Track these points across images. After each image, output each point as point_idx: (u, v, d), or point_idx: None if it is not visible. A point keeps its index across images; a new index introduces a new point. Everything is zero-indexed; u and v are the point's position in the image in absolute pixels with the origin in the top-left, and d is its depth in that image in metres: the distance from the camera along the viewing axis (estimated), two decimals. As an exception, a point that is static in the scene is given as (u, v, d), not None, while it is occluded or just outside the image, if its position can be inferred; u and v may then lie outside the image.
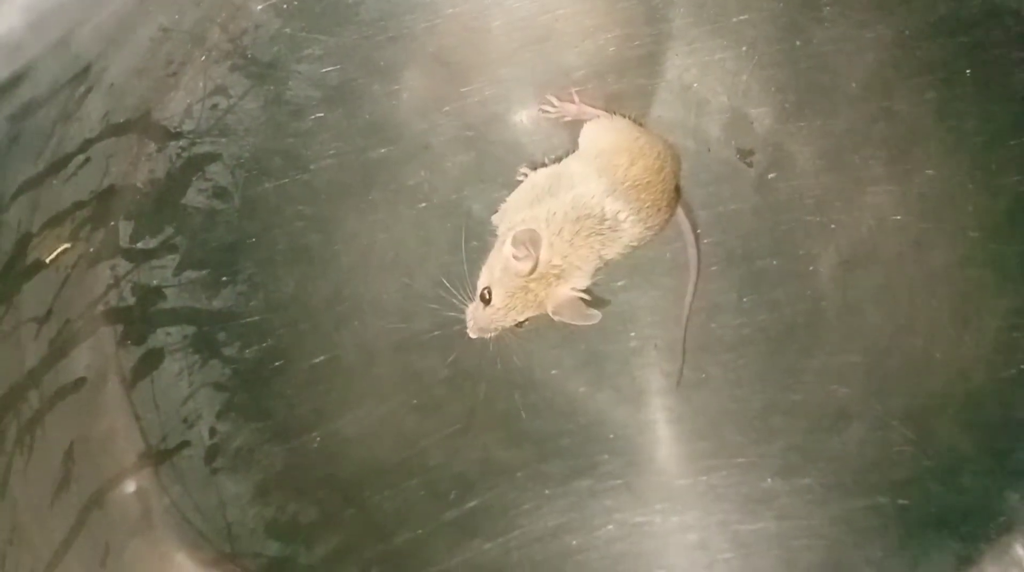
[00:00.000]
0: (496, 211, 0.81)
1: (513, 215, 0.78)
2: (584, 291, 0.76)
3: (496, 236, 0.80)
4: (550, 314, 0.75)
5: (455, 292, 0.78)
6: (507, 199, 0.80)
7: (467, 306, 0.77)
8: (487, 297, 0.74)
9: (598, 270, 0.77)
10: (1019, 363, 0.87)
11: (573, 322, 0.74)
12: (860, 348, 0.87)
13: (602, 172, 0.75)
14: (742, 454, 0.89)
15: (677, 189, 0.80)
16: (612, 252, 0.76)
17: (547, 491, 0.90)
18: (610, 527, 0.90)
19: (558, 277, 0.74)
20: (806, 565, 0.89)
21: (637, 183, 0.75)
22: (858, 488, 0.89)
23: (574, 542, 0.91)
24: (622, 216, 0.75)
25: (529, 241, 0.71)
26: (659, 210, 0.77)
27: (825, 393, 0.88)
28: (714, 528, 0.90)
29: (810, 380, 0.87)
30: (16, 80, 0.53)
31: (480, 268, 0.77)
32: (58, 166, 0.70)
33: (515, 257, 0.72)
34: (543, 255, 0.73)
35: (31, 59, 0.52)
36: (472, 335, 0.76)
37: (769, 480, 0.89)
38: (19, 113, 0.57)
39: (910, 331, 0.87)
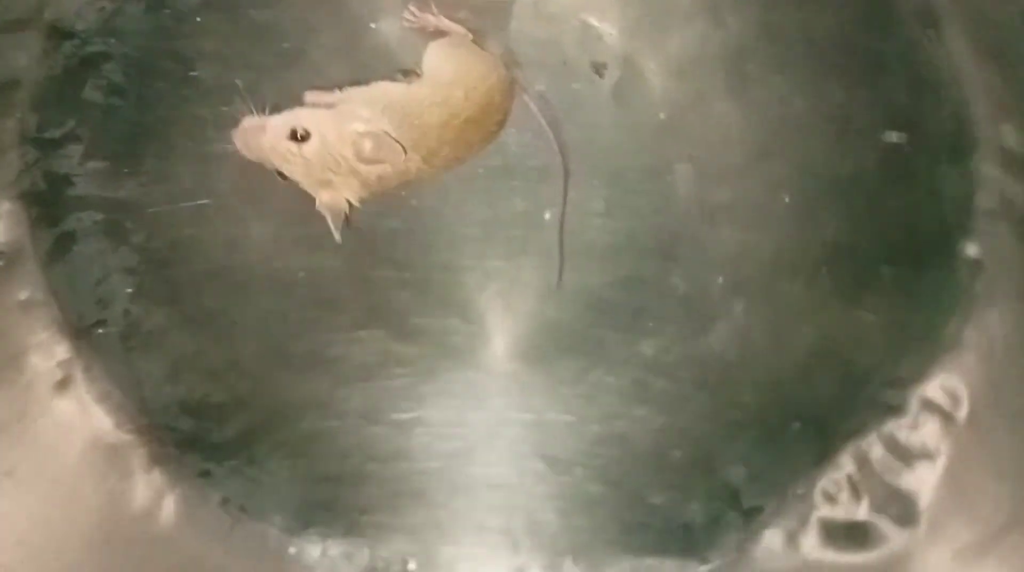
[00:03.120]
0: None
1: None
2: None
3: None
4: (317, 206, 0.79)
5: None
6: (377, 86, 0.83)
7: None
8: (302, 136, 0.77)
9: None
10: (859, 263, 0.91)
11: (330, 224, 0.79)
12: (718, 254, 0.91)
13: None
14: (619, 353, 0.92)
15: (500, 124, 0.84)
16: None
17: (444, 382, 0.93)
18: (507, 414, 0.93)
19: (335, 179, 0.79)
20: (680, 458, 0.92)
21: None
22: (723, 387, 0.92)
23: (469, 431, 0.93)
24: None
25: (384, 145, 0.76)
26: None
27: (690, 297, 0.91)
28: (595, 420, 0.93)
29: (676, 284, 0.91)
30: None
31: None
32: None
33: (364, 154, 0.76)
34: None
35: None
36: (245, 151, 0.78)
37: (643, 378, 0.92)
38: None
39: (760, 235, 0.90)
